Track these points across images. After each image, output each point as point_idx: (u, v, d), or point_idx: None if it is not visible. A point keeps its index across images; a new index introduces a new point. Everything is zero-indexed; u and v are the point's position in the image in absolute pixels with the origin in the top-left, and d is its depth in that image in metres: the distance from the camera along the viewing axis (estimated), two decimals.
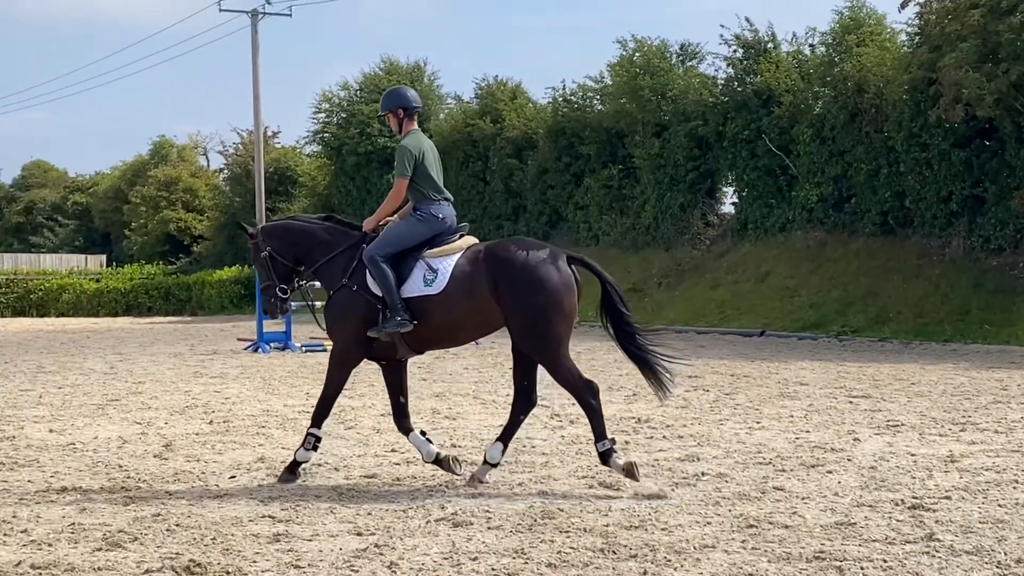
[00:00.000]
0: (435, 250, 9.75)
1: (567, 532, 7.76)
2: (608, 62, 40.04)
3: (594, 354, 23.27)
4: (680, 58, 38.83)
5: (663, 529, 7.86)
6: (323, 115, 53.53)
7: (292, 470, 9.72)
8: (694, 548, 7.33)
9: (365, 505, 8.68)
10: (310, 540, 7.61)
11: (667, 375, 9.92)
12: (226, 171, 67.69)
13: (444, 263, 9.65)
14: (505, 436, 9.70)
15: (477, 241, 10.06)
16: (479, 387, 17.08)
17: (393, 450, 11.21)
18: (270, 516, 8.30)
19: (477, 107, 46.10)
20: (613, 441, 9.41)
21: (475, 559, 7.10)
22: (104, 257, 72.60)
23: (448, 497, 8.95)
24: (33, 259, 69.32)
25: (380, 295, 9.60)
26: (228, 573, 6.83)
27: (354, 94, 52.60)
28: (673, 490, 9.17)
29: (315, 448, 9.84)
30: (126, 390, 17.13)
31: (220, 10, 51.20)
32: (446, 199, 10.15)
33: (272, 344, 25.42)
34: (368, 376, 18.80)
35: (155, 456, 11.08)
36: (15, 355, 25.30)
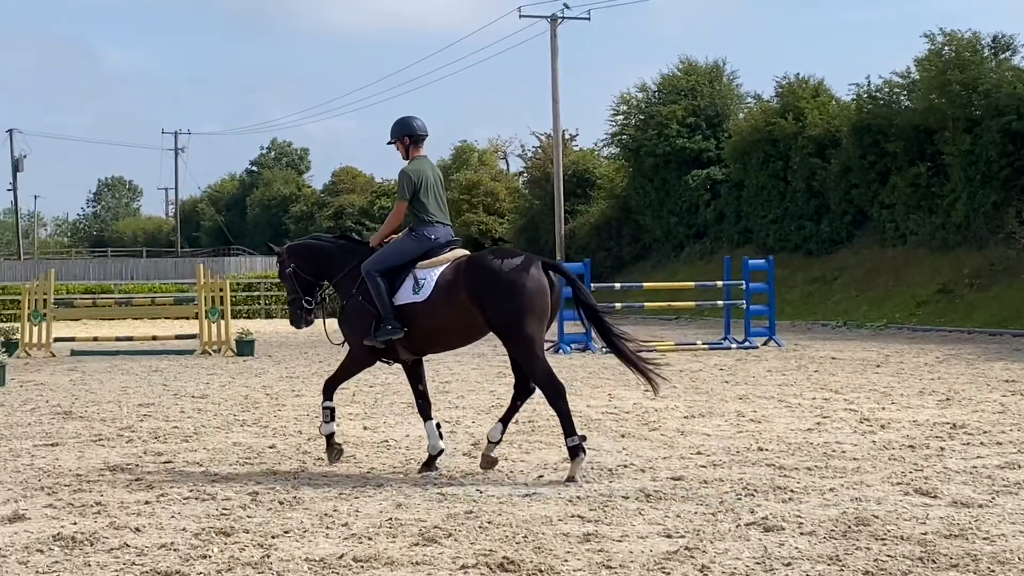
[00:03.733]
0: (425, 261, 10.49)
1: (883, 539, 7.52)
2: (915, 56, 38.91)
3: (903, 356, 22.62)
4: (992, 51, 37.36)
5: (985, 538, 7.53)
6: (621, 117, 53.76)
7: (330, 446, 10.81)
8: (1019, 559, 7.00)
9: (673, 507, 8.62)
10: (620, 541, 7.60)
11: (650, 367, 10.33)
12: (525, 174, 68.76)
13: (431, 273, 10.39)
14: (506, 419, 10.40)
15: (466, 253, 10.68)
16: (784, 390, 16.79)
17: (699, 452, 11.11)
18: (579, 516, 8.33)
19: (777, 105, 45.44)
20: (583, 438, 10.00)
21: (788, 564, 6.95)
22: None
23: (758, 501, 8.80)
24: None
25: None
26: (541, 571, 6.87)
27: (652, 95, 52.63)
28: (994, 499, 8.79)
29: (332, 419, 10.84)
30: (433, 389, 17.46)
31: (520, 16, 52.12)
32: (440, 222, 10.75)
33: (573, 345, 25.63)
34: (670, 377, 18.77)
35: (464, 454, 11.28)
36: (329, 354, 26.28)
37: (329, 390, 10.92)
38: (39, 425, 14.03)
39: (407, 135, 10.96)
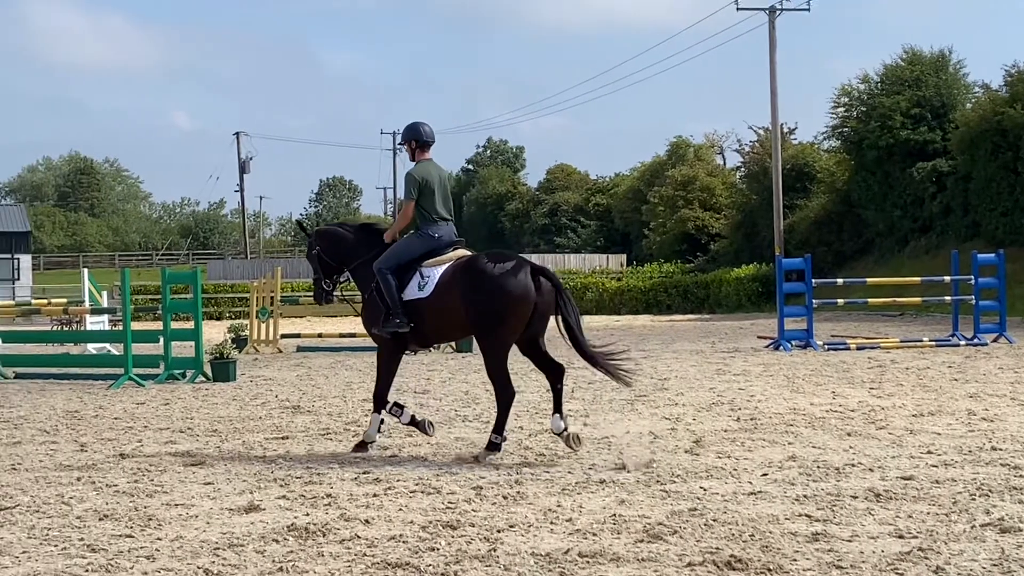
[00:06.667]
0: (430, 260, 11.25)
1: None
2: None
3: None
4: None
5: None
6: (842, 109, 52.81)
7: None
8: None
9: (904, 507, 8.39)
10: (849, 541, 7.43)
11: (619, 370, 11.11)
12: (742, 169, 68.10)
13: (435, 271, 11.15)
14: (557, 406, 10.95)
15: (468, 253, 11.37)
16: (1017, 387, 16.22)
17: (929, 451, 10.80)
18: (806, 515, 8.18)
19: (1007, 95, 44.00)
20: (504, 439, 10.99)
21: None
22: (624, 256, 74.74)
23: (993, 501, 8.51)
24: (558, 259, 72.30)
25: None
26: (769, 570, 6.76)
27: (874, 87, 51.54)
28: None
29: (397, 414, 11.58)
30: (652, 386, 17.47)
31: (737, 9, 51.62)
32: (444, 220, 11.50)
33: (794, 342, 25.24)
34: (896, 375, 18.33)
35: (686, 451, 11.19)
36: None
37: (379, 399, 11.59)
38: (269, 419, 14.46)
39: (414, 139, 11.73)
